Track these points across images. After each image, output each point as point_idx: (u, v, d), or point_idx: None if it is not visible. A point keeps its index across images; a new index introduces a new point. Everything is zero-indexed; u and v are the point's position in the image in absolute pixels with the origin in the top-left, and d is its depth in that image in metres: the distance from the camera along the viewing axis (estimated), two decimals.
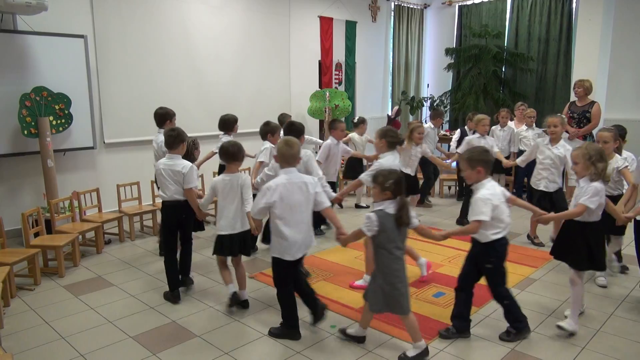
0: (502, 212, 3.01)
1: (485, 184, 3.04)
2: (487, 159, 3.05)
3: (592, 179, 3.12)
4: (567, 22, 8.81)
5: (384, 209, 2.83)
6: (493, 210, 2.96)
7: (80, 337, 3.27)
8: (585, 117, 6.29)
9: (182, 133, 3.86)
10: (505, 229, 3.05)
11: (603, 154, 3.12)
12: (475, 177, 3.05)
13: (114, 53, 6.08)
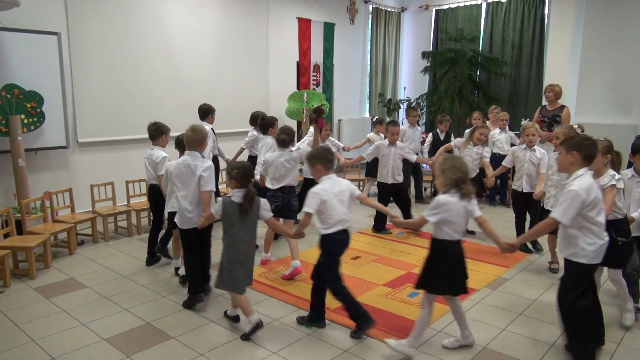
0: (331, 208, 3.14)
1: (323, 180, 3.22)
2: (328, 157, 3.24)
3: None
4: (540, 28, 9.03)
5: (231, 196, 3.18)
6: (320, 204, 3.11)
7: (52, 340, 3.21)
8: (555, 121, 6.45)
9: (163, 126, 4.24)
10: (335, 225, 3.15)
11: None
12: (317, 174, 3.27)
13: (88, 51, 5.98)
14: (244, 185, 3.17)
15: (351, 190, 3.28)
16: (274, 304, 3.74)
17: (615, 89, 8.38)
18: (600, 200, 2.76)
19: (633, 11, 8.09)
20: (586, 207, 2.71)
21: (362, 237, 5.44)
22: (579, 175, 2.77)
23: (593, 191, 2.73)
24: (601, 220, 2.78)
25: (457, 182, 2.86)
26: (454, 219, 2.87)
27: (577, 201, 2.68)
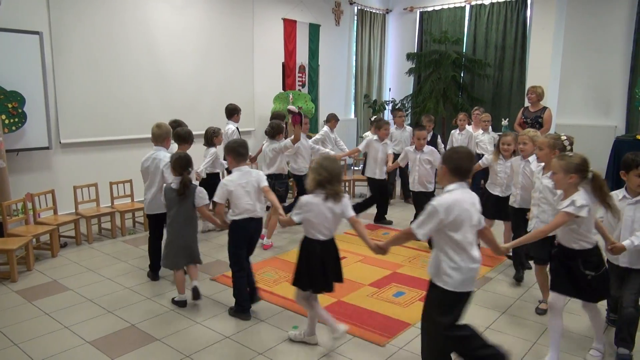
0: (237, 198, 3.38)
1: (234, 171, 3.47)
2: (238, 150, 3.45)
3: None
4: (522, 30, 9.16)
5: (171, 184, 3.66)
6: (227, 194, 3.38)
7: (35, 344, 3.17)
8: (537, 122, 6.56)
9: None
10: (242, 213, 3.36)
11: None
12: (230, 165, 3.51)
13: (71, 51, 5.91)
14: (179, 174, 3.61)
15: (259, 181, 3.46)
16: (259, 306, 3.74)
17: (595, 91, 8.54)
18: (464, 221, 2.40)
19: (612, 16, 8.26)
20: (446, 227, 2.40)
21: (348, 237, 5.46)
22: (447, 189, 2.48)
23: (455, 211, 2.38)
24: (466, 244, 2.42)
25: (321, 182, 2.87)
26: (315, 220, 2.91)
27: (433, 218, 2.39)
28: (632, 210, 2.90)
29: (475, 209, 2.48)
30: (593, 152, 8.51)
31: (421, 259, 4.78)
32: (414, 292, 3.99)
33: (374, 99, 10.38)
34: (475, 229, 2.49)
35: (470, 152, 2.62)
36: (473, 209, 2.47)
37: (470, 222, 2.44)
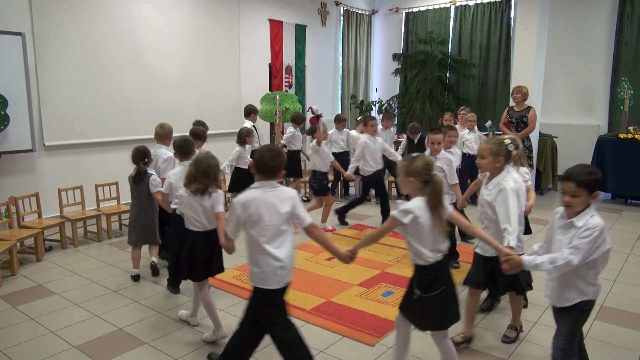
0: (176, 190, 3.54)
1: (177, 166, 3.79)
2: (185, 147, 3.72)
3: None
4: (506, 31, 9.27)
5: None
6: (170, 186, 3.66)
7: (20, 349, 3.12)
8: (522, 122, 6.64)
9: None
10: (179, 205, 3.30)
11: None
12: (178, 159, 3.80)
13: (54, 52, 5.83)
14: (136, 163, 4.17)
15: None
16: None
17: (579, 91, 8.67)
18: (262, 216, 2.40)
19: (594, 18, 8.40)
20: (245, 224, 2.45)
21: (336, 237, 5.47)
22: (251, 187, 2.53)
23: (252, 207, 2.41)
24: (262, 241, 2.42)
25: (189, 178, 3.07)
26: (186, 211, 3.15)
27: (232, 214, 2.46)
28: (561, 234, 2.37)
29: (276, 210, 2.43)
30: (576, 151, 8.72)
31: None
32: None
33: (360, 99, 10.41)
34: (273, 229, 2.43)
35: (277, 152, 2.53)
36: (273, 210, 2.42)
37: (268, 221, 2.41)
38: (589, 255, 2.22)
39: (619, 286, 4.16)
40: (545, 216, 6.46)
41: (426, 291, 2.45)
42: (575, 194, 2.26)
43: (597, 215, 2.28)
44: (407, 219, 2.39)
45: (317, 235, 2.57)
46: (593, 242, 2.21)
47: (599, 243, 2.23)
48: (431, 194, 2.41)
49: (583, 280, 2.31)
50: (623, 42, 8.16)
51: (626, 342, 3.23)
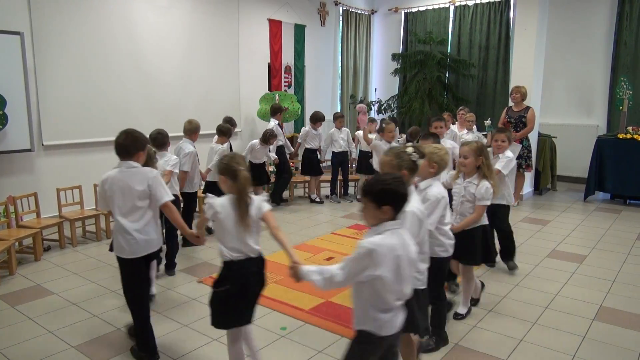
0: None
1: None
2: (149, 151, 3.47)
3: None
4: (505, 31, 9.27)
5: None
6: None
7: (18, 349, 3.12)
8: (521, 122, 6.65)
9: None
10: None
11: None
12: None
13: (53, 51, 5.82)
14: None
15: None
16: None
17: (578, 91, 8.68)
18: (114, 193, 2.80)
19: (594, 18, 8.41)
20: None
21: (335, 237, 5.46)
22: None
23: (107, 184, 2.83)
24: (116, 214, 2.81)
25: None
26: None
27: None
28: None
29: (130, 188, 2.79)
30: (575, 151, 8.70)
31: None
32: None
33: (360, 99, 10.40)
34: (127, 205, 2.82)
35: (129, 133, 2.86)
36: (126, 188, 2.78)
37: (120, 197, 2.83)
38: (353, 275, 1.94)
39: (618, 286, 4.16)
40: (544, 216, 6.46)
41: (214, 285, 2.53)
42: (364, 207, 2.00)
43: (384, 235, 1.94)
44: (208, 214, 2.46)
45: (169, 215, 2.89)
46: (357, 260, 1.92)
47: (365, 264, 1.90)
48: (236, 191, 2.43)
49: (369, 304, 1.98)
50: (622, 42, 8.16)
51: (625, 342, 3.23)
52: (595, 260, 4.80)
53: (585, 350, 3.13)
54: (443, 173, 3.61)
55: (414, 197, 2.40)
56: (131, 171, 2.83)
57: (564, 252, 5.05)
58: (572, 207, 7.01)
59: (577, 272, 4.48)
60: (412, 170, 2.44)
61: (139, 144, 2.88)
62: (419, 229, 2.40)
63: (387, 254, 1.90)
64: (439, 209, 2.80)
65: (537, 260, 4.77)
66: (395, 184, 1.96)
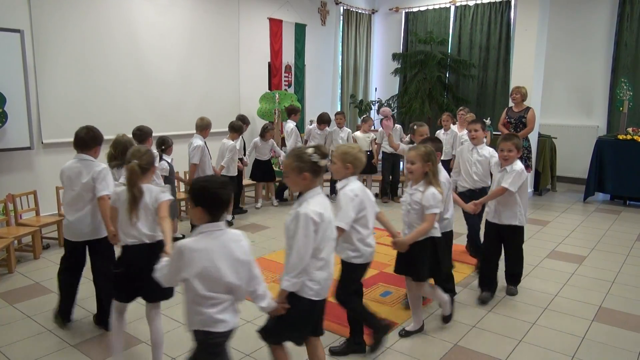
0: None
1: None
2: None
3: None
4: (506, 31, 9.27)
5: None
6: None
7: (16, 347, 3.11)
8: (521, 122, 6.64)
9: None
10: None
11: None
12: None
13: (53, 49, 5.81)
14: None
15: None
16: (246, 306, 3.71)
17: (578, 92, 8.68)
18: (64, 182, 3.28)
19: (594, 18, 8.40)
20: None
21: None
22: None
23: (63, 176, 3.27)
24: (63, 202, 3.26)
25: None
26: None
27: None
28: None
29: (78, 179, 3.19)
30: (575, 152, 8.70)
31: None
32: (400, 291, 4.00)
33: (360, 99, 10.40)
34: (73, 195, 3.22)
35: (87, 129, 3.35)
36: (75, 178, 3.18)
37: (69, 187, 3.25)
38: (173, 276, 2.12)
39: (618, 287, 4.16)
40: (544, 217, 6.46)
41: (114, 266, 2.83)
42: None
43: (196, 237, 2.02)
44: (111, 201, 2.85)
45: (100, 207, 3.11)
46: (173, 261, 2.08)
47: (178, 265, 2.03)
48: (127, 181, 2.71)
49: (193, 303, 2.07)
50: (623, 43, 8.16)
51: (624, 343, 3.23)
52: (594, 261, 4.80)
53: (584, 351, 3.13)
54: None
55: (314, 200, 2.31)
56: (83, 163, 3.22)
57: (563, 252, 5.05)
58: (571, 208, 7.01)
59: (577, 273, 4.48)
60: (315, 172, 2.33)
61: (97, 140, 3.35)
62: (315, 232, 2.27)
63: (193, 256, 1.96)
64: (350, 206, 2.73)
65: (536, 261, 4.77)
66: (213, 187, 2.00)
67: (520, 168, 3.63)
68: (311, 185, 2.34)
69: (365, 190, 2.85)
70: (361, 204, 2.77)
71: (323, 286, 2.38)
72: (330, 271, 2.41)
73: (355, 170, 2.81)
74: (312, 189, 2.34)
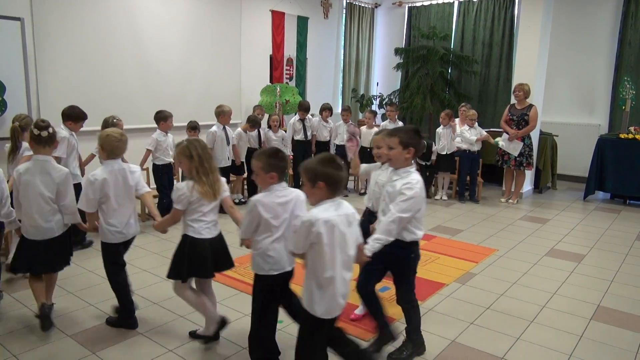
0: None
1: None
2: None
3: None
4: (509, 28, 9.22)
5: None
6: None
7: (13, 337, 3.10)
8: (524, 120, 6.62)
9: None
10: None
11: None
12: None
13: (53, 38, 5.78)
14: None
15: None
16: (245, 299, 3.71)
17: (580, 90, 8.64)
18: None
19: (598, 16, 8.35)
20: None
21: None
22: None
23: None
24: None
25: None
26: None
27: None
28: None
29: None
30: (577, 150, 8.67)
31: None
32: None
33: (361, 93, 10.36)
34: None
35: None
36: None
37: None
38: None
39: (616, 286, 4.16)
40: (543, 215, 6.45)
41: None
42: None
43: None
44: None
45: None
46: None
47: None
48: None
49: None
50: (626, 41, 8.11)
51: (622, 342, 3.22)
52: (593, 260, 4.79)
53: (582, 349, 3.12)
54: None
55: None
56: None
57: (562, 251, 5.05)
58: (571, 206, 7.00)
59: (576, 272, 4.48)
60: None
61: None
62: None
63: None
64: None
65: (535, 259, 4.76)
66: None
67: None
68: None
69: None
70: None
71: None
72: None
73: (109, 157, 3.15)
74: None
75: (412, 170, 2.75)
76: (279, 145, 6.87)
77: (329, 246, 2.17)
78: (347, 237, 2.25)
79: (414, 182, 2.68)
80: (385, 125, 7.07)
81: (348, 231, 2.25)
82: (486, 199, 7.24)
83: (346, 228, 2.24)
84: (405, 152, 2.72)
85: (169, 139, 5.53)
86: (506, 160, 6.85)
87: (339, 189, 2.24)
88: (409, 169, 2.76)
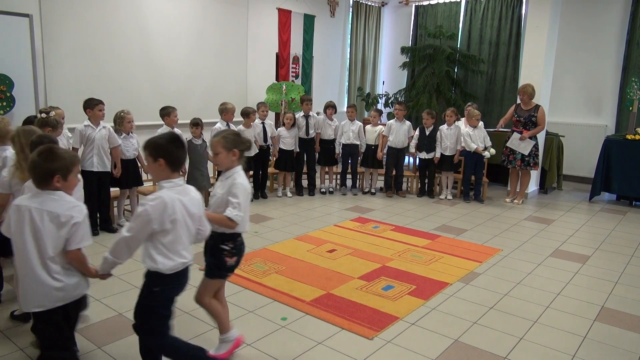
0: None
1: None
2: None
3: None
4: (517, 27, 9.18)
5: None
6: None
7: (18, 332, 3.14)
8: (530, 121, 6.60)
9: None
10: None
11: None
12: None
13: (61, 34, 5.81)
14: None
15: None
16: (249, 296, 3.74)
17: (587, 91, 8.60)
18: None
19: (606, 17, 8.30)
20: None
21: (338, 230, 5.46)
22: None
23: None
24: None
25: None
26: None
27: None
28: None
29: None
30: (583, 151, 8.64)
31: (410, 252, 4.80)
32: (403, 285, 4.01)
33: (367, 92, 10.36)
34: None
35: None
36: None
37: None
38: None
39: (621, 288, 4.15)
40: (548, 215, 6.43)
41: None
42: None
43: None
44: None
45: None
46: None
47: None
48: None
49: None
50: (634, 42, 8.07)
51: (625, 344, 3.22)
52: (598, 261, 4.78)
53: (586, 350, 3.12)
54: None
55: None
56: None
57: (567, 251, 5.04)
58: (577, 207, 6.97)
59: (580, 273, 4.47)
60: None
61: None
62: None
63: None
64: None
65: (539, 259, 4.76)
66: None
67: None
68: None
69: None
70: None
71: None
72: None
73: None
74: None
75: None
76: (291, 144, 6.88)
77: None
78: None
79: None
80: (391, 124, 7.08)
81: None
82: (491, 199, 7.23)
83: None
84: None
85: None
86: (511, 160, 6.83)
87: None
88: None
